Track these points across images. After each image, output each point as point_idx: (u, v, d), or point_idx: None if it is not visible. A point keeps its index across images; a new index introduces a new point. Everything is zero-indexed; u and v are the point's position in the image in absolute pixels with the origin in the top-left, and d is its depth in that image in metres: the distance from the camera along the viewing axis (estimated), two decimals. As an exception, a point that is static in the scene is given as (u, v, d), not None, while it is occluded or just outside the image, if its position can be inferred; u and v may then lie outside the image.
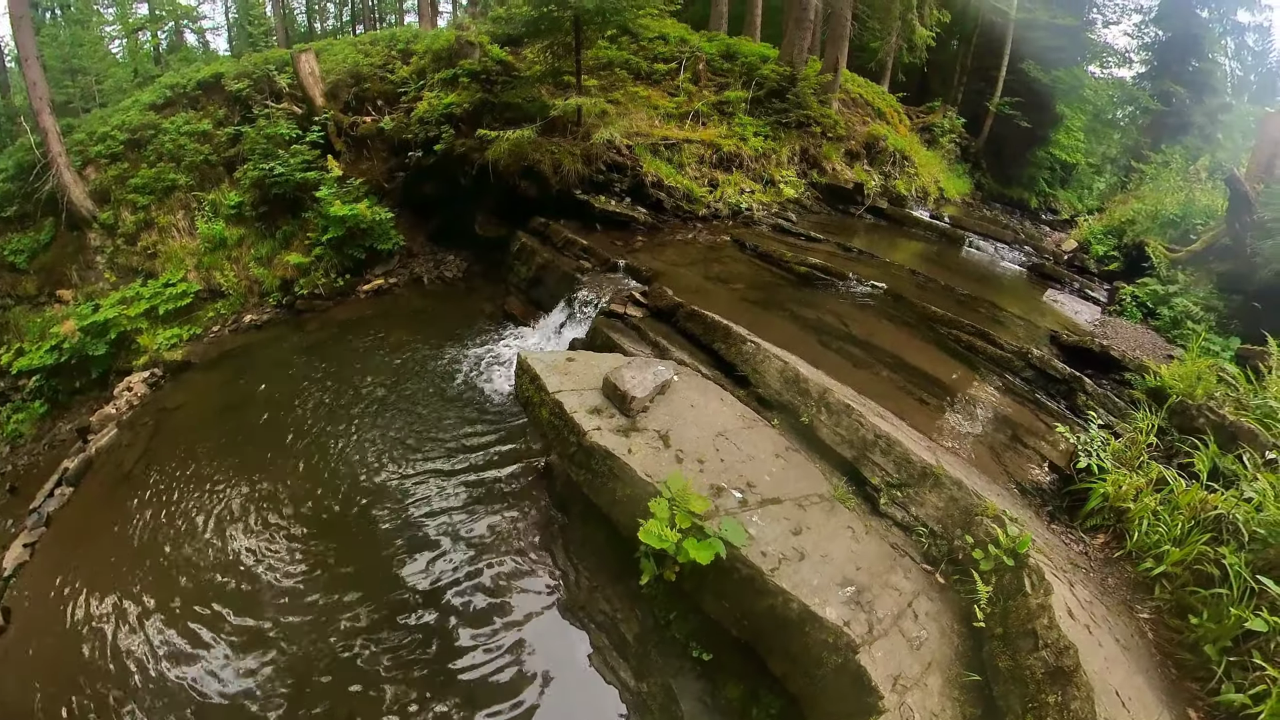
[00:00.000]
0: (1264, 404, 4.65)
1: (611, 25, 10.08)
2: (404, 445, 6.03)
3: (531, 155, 9.75)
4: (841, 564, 3.23)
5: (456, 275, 11.33)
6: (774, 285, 6.63)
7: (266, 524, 5.10)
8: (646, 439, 3.97)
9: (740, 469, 3.79)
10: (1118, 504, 3.88)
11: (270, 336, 10.15)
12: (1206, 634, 3.05)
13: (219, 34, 27.65)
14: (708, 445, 3.97)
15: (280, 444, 6.22)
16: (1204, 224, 9.69)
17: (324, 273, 11.71)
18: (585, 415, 4.10)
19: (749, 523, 3.36)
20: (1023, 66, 18.13)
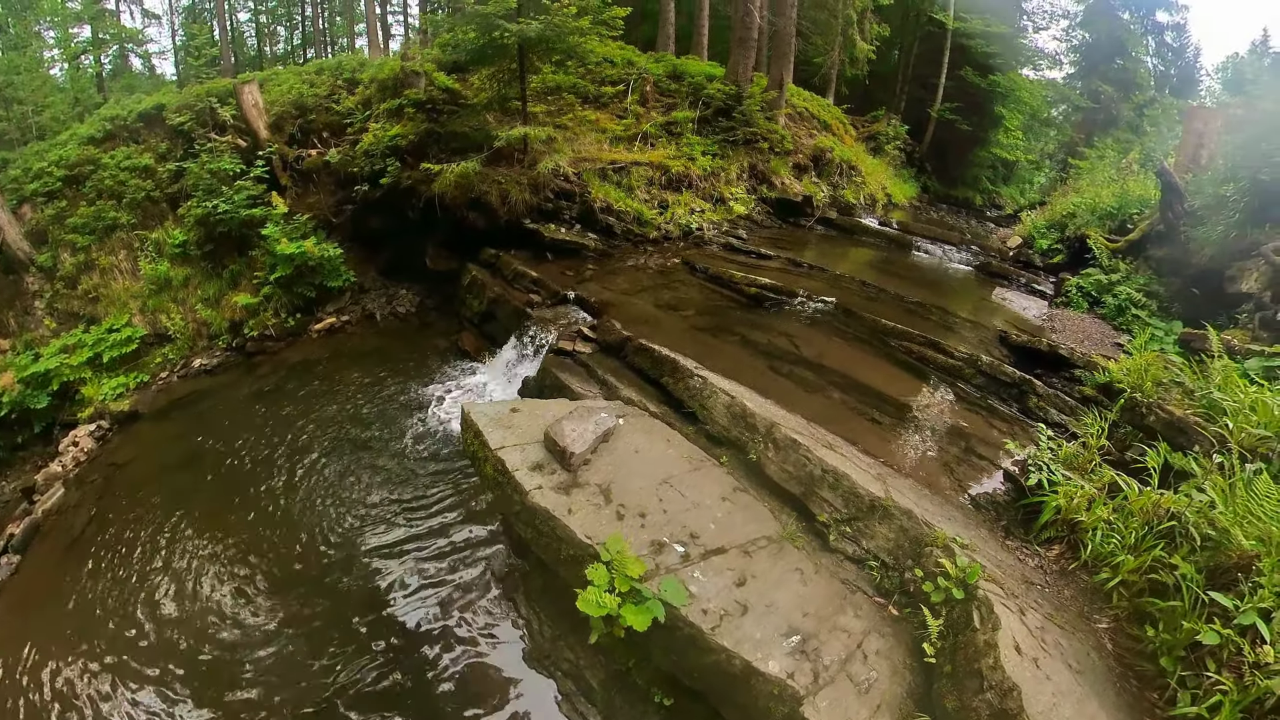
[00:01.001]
0: (1208, 395, 4.65)
1: (556, 51, 10.04)
2: (362, 496, 5.85)
3: (478, 186, 9.60)
4: (787, 612, 3.13)
5: (410, 310, 11.06)
6: (725, 309, 6.57)
7: (227, 584, 4.91)
8: (587, 495, 3.86)
9: (684, 519, 3.69)
10: (1070, 516, 3.85)
11: (221, 382, 9.74)
12: (1163, 645, 3.03)
13: (165, 58, 26.83)
14: (650, 496, 3.86)
15: (236, 500, 5.97)
16: (1140, 214, 9.99)
17: (274, 313, 11.31)
18: (527, 473, 4.00)
19: (690, 579, 3.25)
20: (961, 73, 18.83)
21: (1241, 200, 7.02)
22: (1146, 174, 11.21)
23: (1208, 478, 3.63)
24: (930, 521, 3.43)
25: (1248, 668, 2.58)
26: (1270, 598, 2.76)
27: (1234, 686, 2.57)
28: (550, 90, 11.51)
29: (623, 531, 3.49)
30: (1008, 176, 21.29)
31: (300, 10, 28.08)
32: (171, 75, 24.32)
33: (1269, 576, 2.85)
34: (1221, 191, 7.46)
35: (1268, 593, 2.78)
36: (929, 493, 3.99)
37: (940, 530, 3.36)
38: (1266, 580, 2.84)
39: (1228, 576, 3.09)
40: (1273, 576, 2.83)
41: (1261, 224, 6.70)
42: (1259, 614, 2.71)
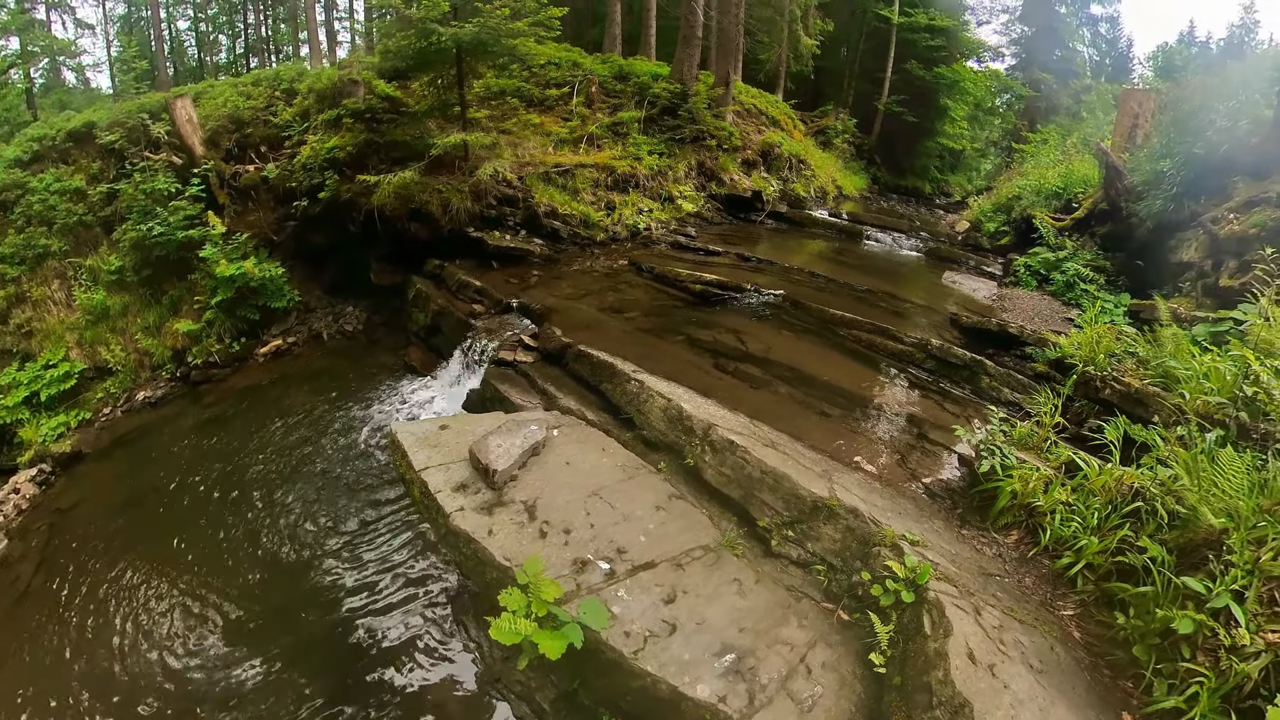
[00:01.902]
0: (1162, 363, 4.55)
1: (494, 55, 9.70)
2: (314, 526, 5.56)
3: (419, 196, 9.19)
4: (721, 629, 2.85)
5: (357, 328, 10.55)
6: (670, 308, 6.31)
7: (186, 627, 4.65)
8: (511, 514, 3.59)
9: (612, 533, 3.40)
10: (1027, 501, 3.65)
11: (167, 414, 9.17)
12: (1134, 631, 2.83)
13: (100, 71, 25.41)
14: (578, 510, 3.58)
15: (189, 538, 5.64)
16: (1083, 193, 10.17)
17: (218, 338, 10.66)
18: (449, 494, 3.74)
19: (614, 599, 2.98)
20: (906, 67, 19.11)
21: (1177, 174, 7.11)
22: (1088, 155, 11.37)
23: (1170, 450, 3.45)
24: (878, 519, 3.18)
25: (1224, 652, 2.43)
26: (1242, 576, 2.60)
27: (1212, 674, 2.41)
28: (494, 95, 11.14)
29: (545, 551, 3.24)
30: (955, 165, 21.76)
31: (243, 18, 26.84)
32: (108, 88, 23.02)
33: (1239, 554, 2.68)
34: (1158, 167, 7.56)
35: (1239, 571, 2.62)
36: (880, 485, 3.75)
37: (888, 528, 3.11)
38: (1237, 558, 2.67)
39: (1198, 555, 2.92)
40: (1243, 553, 2.67)
41: (1197, 196, 6.79)
42: (1232, 596, 2.54)
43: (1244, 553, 2.66)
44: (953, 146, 20.95)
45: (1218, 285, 5.77)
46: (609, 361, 4.90)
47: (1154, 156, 7.92)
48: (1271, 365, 3.61)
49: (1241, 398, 3.62)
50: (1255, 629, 2.44)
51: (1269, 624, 2.45)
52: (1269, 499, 2.88)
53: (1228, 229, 5.95)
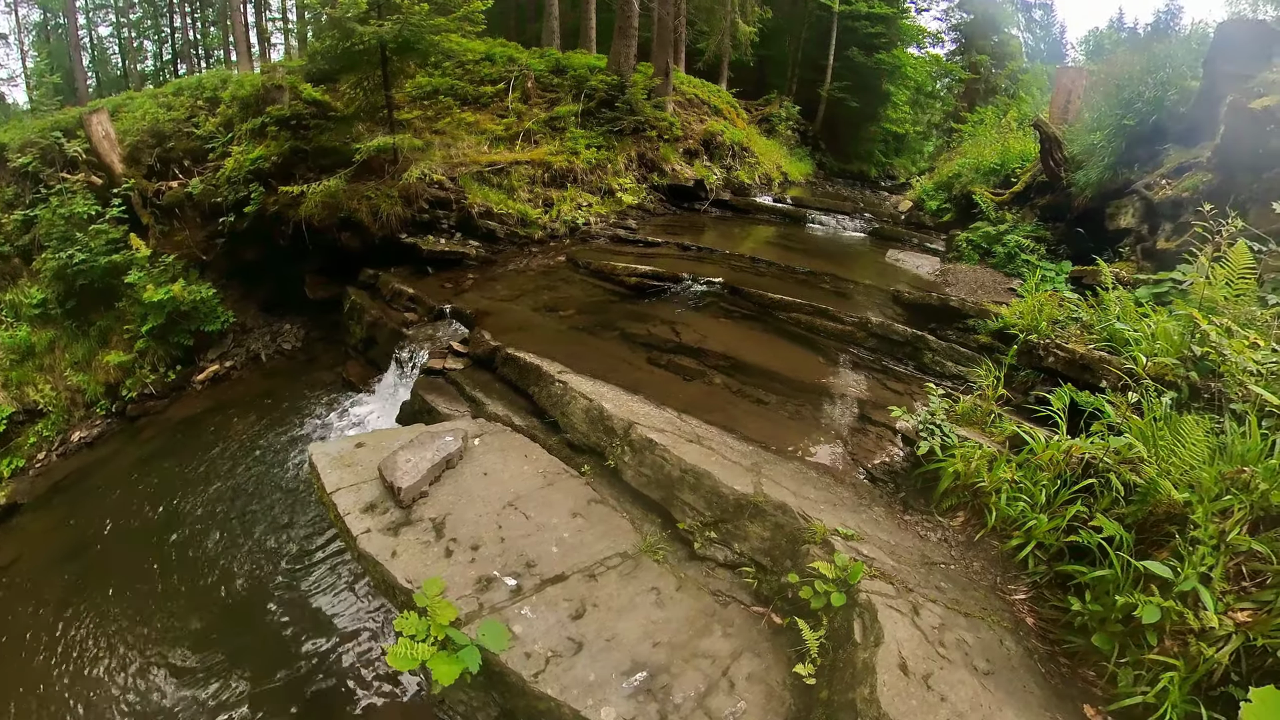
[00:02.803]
0: (1109, 325, 4.38)
1: (418, 53, 9.19)
2: (261, 559, 5.23)
3: (347, 204, 8.66)
4: (633, 644, 2.59)
5: (296, 345, 9.93)
6: (606, 304, 5.99)
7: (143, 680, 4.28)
8: (418, 533, 3.30)
9: (523, 546, 3.12)
10: (970, 481, 3.41)
11: (105, 454, 8.51)
12: (1092, 617, 2.58)
13: (16, 85, 23.56)
14: (490, 524, 3.29)
15: (136, 587, 5.22)
16: (1020, 167, 10.22)
17: (152, 368, 9.90)
18: (358, 516, 3.47)
19: (518, 617, 2.71)
20: (848, 54, 19.16)
21: (1110, 145, 7.18)
22: (1024, 132, 11.46)
23: (1123, 416, 3.24)
24: (808, 513, 2.90)
25: (1193, 638, 2.22)
26: (1208, 554, 2.38)
27: (1182, 663, 2.19)
28: (426, 95, 10.64)
29: (449, 570, 2.97)
30: (899, 148, 22.02)
31: (169, 22, 25.00)
32: (27, 103, 21.35)
33: (1204, 528, 2.46)
34: (1092, 139, 7.64)
35: (1205, 548, 2.40)
36: (816, 475, 3.49)
37: (818, 522, 2.83)
38: (1202, 533, 2.45)
39: (1160, 531, 2.71)
40: (1208, 528, 2.45)
41: (1131, 164, 6.85)
42: (1199, 578, 2.31)
43: (1209, 527, 2.46)
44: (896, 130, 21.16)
45: (1156, 248, 5.74)
46: (535, 363, 4.62)
47: (1088, 129, 8.00)
48: (1220, 323, 3.46)
49: (1191, 357, 3.47)
50: (1224, 609, 2.24)
51: (1238, 603, 2.26)
52: (1230, 465, 2.68)
53: (1162, 194, 5.96)
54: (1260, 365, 3.13)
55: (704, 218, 9.59)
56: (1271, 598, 2.20)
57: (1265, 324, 3.58)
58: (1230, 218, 4.05)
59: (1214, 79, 5.99)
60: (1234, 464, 2.65)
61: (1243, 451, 2.69)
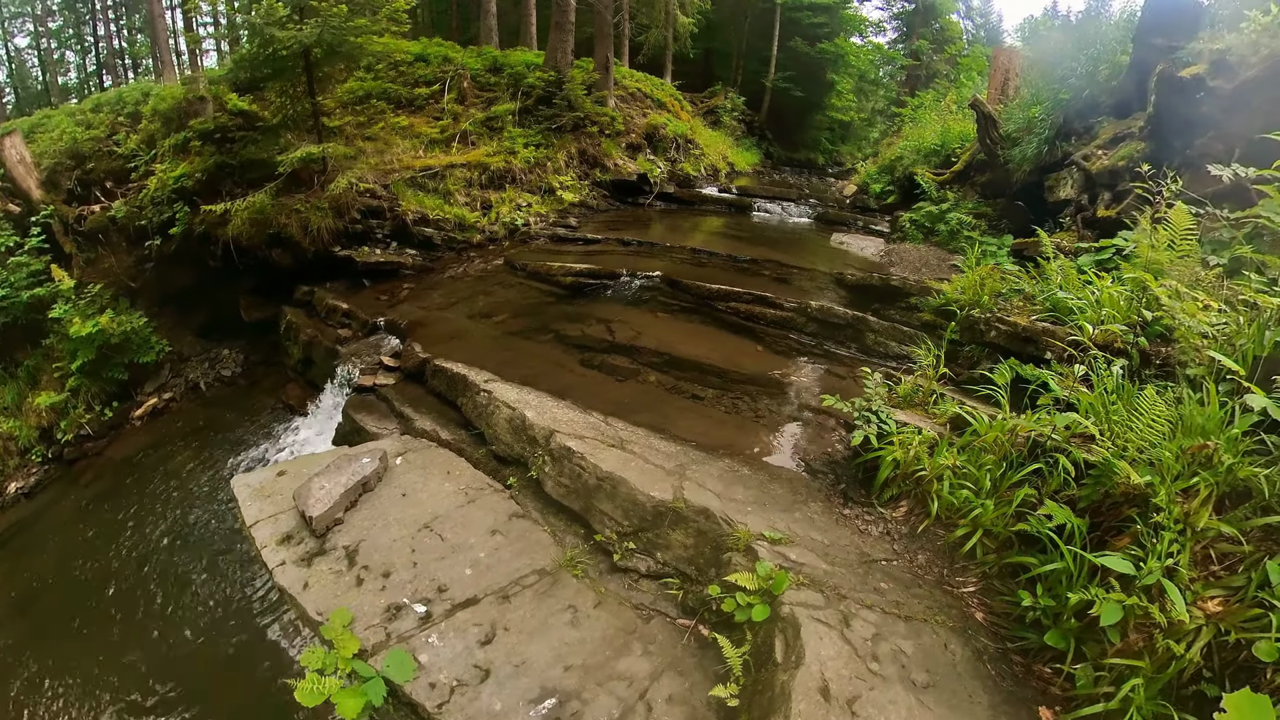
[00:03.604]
0: (1051, 295, 4.22)
1: (343, 56, 8.69)
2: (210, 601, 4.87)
3: (276, 220, 8.15)
4: (544, 669, 2.41)
5: (235, 371, 9.35)
6: (542, 306, 5.72)
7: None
8: (331, 562, 3.09)
9: (436, 569, 2.91)
10: (910, 469, 3.20)
11: (44, 503, 7.89)
12: (1045, 614, 2.36)
13: None
14: (404, 548, 3.07)
15: (85, 643, 4.82)
16: (960, 147, 10.26)
17: (86, 407, 9.18)
18: (274, 548, 3.28)
19: (425, 645, 2.52)
20: (792, 45, 19.14)
21: (1047, 118, 7.23)
22: (964, 114, 11.52)
23: (1069, 389, 3.01)
24: (732, 517, 2.68)
25: (1159, 634, 1.98)
26: (1174, 539, 2.15)
27: (1148, 662, 1.97)
28: (359, 99, 10.12)
29: (358, 600, 2.79)
30: (845, 135, 22.20)
31: (92, 30, 22.89)
32: None
33: (1168, 511, 2.21)
34: (1030, 115, 7.73)
35: (1170, 534, 2.16)
36: (749, 472, 3.29)
37: (742, 527, 2.60)
38: (1165, 517, 2.21)
39: (1117, 514, 2.47)
40: (1172, 510, 2.21)
41: (1068, 138, 6.90)
42: (1164, 572, 2.07)
43: (1173, 509, 2.23)
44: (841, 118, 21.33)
45: (1096, 217, 5.74)
46: (462, 374, 4.37)
47: (1025, 105, 8.09)
48: (1169, 285, 3.29)
49: (1139, 322, 3.30)
50: (1192, 599, 2.03)
51: (1207, 591, 2.06)
52: (1191, 439, 2.45)
53: (1098, 164, 5.98)
54: (1213, 328, 2.96)
55: (649, 212, 9.36)
56: (1242, 583, 2.01)
57: (1211, 284, 3.47)
58: (1168, 179, 3.96)
59: (1143, 52, 6.07)
60: (1195, 437, 2.44)
61: (1203, 422, 2.48)
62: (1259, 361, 2.50)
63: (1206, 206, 3.85)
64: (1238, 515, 2.17)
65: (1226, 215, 3.73)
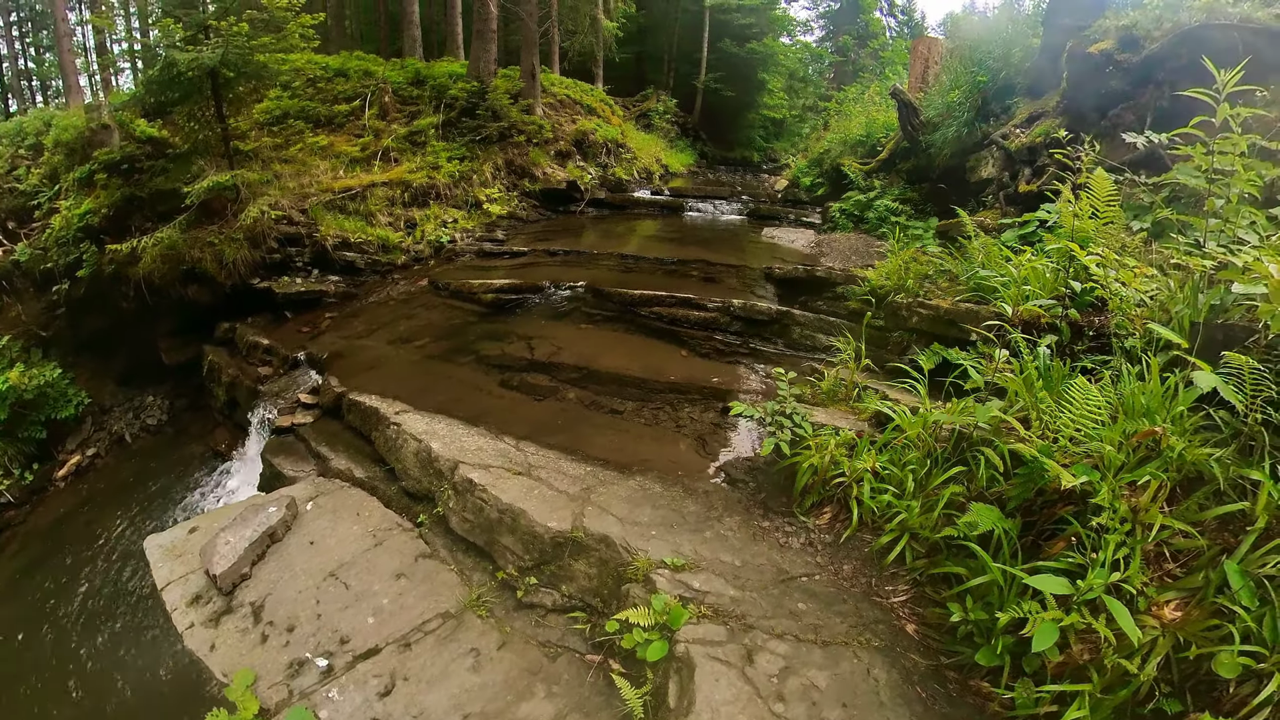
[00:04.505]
0: (974, 275, 4.07)
1: (249, 77, 8.15)
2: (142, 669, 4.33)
3: (189, 254, 7.59)
4: (442, 717, 2.29)
5: (162, 419, 8.70)
6: (464, 326, 5.47)
7: None
8: (238, 620, 2.93)
9: (340, 620, 2.77)
10: (829, 474, 2.98)
11: None
12: (978, 628, 2.12)
13: None
14: (309, 600, 2.92)
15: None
16: (885, 137, 10.37)
17: (5, 472, 8.39)
18: (184, 610, 3.13)
19: (325, 701, 2.41)
20: (722, 46, 19.21)
21: (966, 102, 7.36)
22: (887, 104, 11.66)
23: (990, 376, 2.78)
24: (633, 544, 2.53)
25: (1108, 649, 1.78)
26: (1120, 538, 1.93)
27: (1096, 680, 1.77)
28: (276, 119, 9.55)
29: (263, 657, 2.66)
30: (779, 132, 22.52)
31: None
32: None
33: (1111, 510, 1.97)
34: (949, 100, 7.85)
35: (1116, 536, 1.93)
36: (661, 488, 3.12)
37: (642, 556, 2.45)
38: (1109, 518, 1.95)
39: (1052, 514, 2.23)
40: (1118, 507, 1.97)
41: (986, 119, 6.93)
42: (1108, 586, 1.83)
43: (1118, 505, 1.97)
44: (774, 116, 21.61)
45: (1017, 193, 5.78)
46: (374, 407, 4.14)
47: (944, 91, 8.23)
48: (1099, 253, 3.06)
49: (1067, 294, 3.11)
50: (1145, 605, 1.83)
51: (1162, 595, 1.84)
52: (1134, 421, 2.19)
53: (1017, 142, 6.05)
54: (1146, 295, 2.78)
55: (580, 219, 9.16)
56: (1200, 584, 1.81)
57: (1139, 249, 3.38)
58: (1085, 146, 3.86)
59: (1053, 33, 6.14)
60: (1139, 420, 2.18)
61: (1146, 402, 2.24)
62: (1197, 328, 2.33)
63: (1125, 173, 3.85)
64: (1191, 506, 1.98)
65: (1145, 180, 3.74)
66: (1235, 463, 1.96)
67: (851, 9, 28.53)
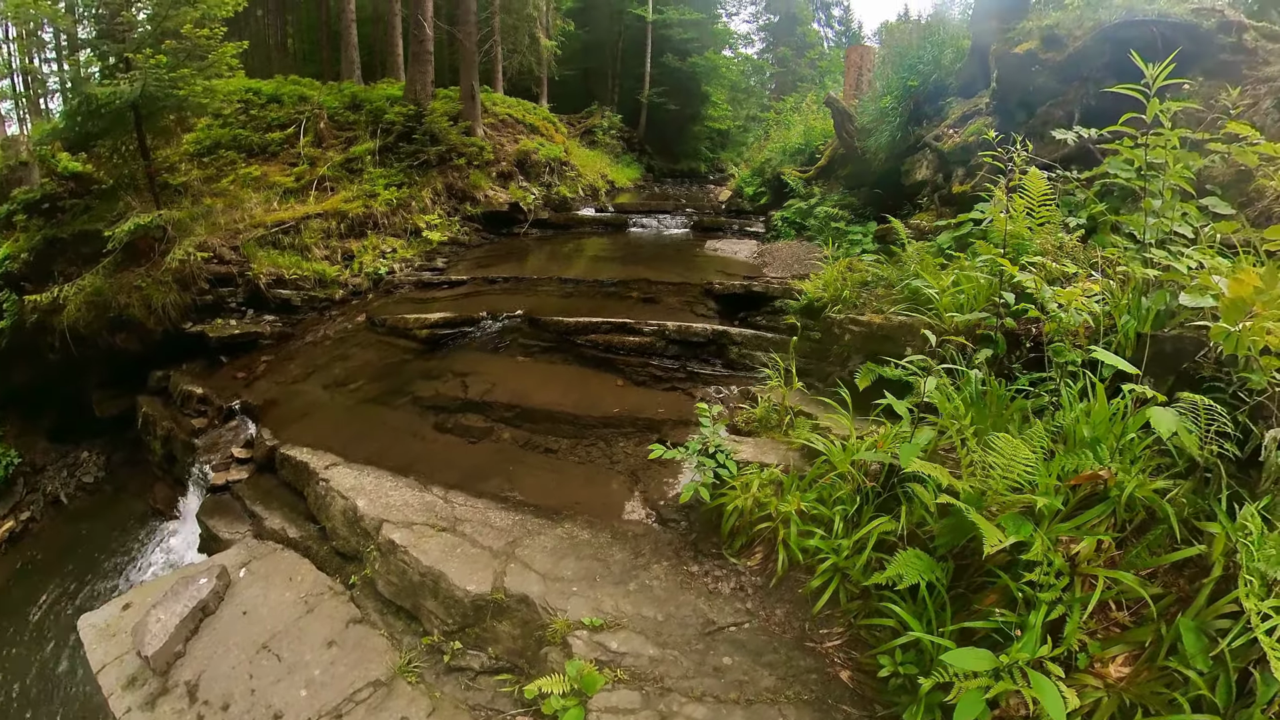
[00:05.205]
0: (908, 285, 3.85)
1: (171, 109, 7.73)
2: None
3: (116, 300, 7.15)
4: None
5: (99, 476, 8.13)
6: (399, 365, 5.30)
7: None
8: (173, 702, 2.80)
9: (273, 694, 2.67)
10: (754, 516, 2.82)
11: None
12: (908, 683, 1.96)
13: None
14: (243, 674, 2.83)
15: None
16: (824, 144, 10.45)
17: None
18: (120, 694, 2.98)
19: None
20: (664, 60, 19.32)
21: (899, 107, 7.32)
22: (824, 112, 11.81)
23: (915, 407, 2.49)
24: (552, 604, 2.46)
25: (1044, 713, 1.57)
26: (1057, 596, 1.74)
27: None
28: (207, 149, 9.09)
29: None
30: (724, 143, 22.80)
31: None
32: None
33: (1045, 566, 1.76)
34: (883, 105, 7.79)
35: (1051, 593, 1.74)
36: (588, 535, 3.04)
37: (561, 617, 2.39)
38: (1044, 575, 1.76)
39: (981, 565, 2.04)
40: (1053, 560, 1.78)
41: (919, 121, 6.97)
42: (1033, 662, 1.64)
43: (1054, 560, 1.79)
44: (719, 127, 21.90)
45: (952, 194, 5.81)
46: (304, 461, 4.00)
47: (877, 97, 8.31)
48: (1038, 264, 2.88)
49: (1000, 305, 2.94)
50: (1086, 663, 1.67)
51: (1107, 650, 1.67)
52: (1077, 456, 1.99)
53: (950, 143, 6.10)
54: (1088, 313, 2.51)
55: (524, 241, 9.01)
56: (1148, 636, 1.64)
57: (1076, 249, 3.24)
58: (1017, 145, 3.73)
59: (981, 34, 6.20)
60: (1082, 455, 1.97)
61: (1091, 433, 2.04)
62: (1144, 341, 2.15)
63: (1056, 170, 3.84)
64: (1141, 551, 1.78)
65: (1077, 176, 3.75)
66: (1190, 501, 1.79)
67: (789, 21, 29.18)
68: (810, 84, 21.47)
